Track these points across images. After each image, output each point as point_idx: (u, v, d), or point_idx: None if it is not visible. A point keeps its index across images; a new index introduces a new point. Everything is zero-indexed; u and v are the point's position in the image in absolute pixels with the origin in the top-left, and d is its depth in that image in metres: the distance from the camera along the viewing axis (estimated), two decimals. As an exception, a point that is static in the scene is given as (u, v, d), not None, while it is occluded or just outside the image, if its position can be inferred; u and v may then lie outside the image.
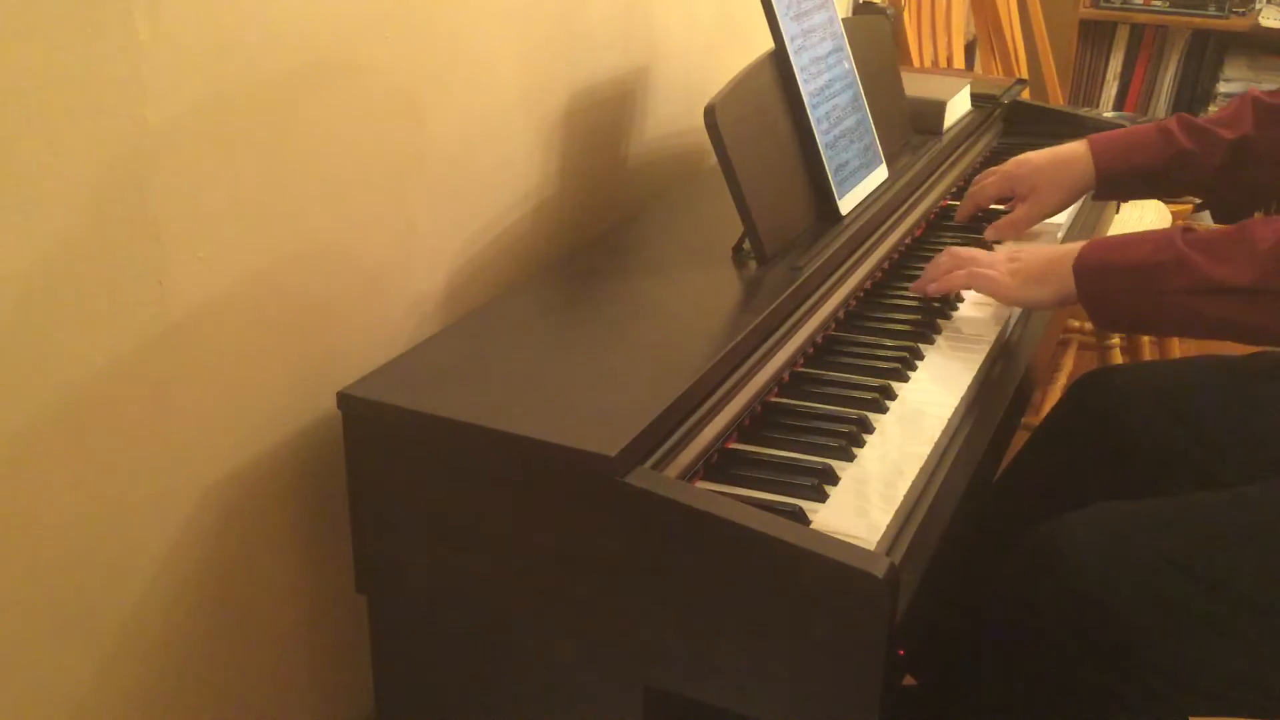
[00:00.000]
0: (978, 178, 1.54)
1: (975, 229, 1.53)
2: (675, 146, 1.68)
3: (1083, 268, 1.16)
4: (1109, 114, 3.33)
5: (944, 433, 1.06)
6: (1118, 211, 1.88)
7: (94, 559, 0.91)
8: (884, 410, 1.09)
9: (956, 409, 1.10)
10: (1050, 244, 1.46)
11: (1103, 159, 1.43)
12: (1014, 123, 1.98)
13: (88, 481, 0.89)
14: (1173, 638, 1.06)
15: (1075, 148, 1.45)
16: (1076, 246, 1.18)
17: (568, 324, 1.12)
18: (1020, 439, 1.51)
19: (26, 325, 0.82)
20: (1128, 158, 1.42)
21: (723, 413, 1.03)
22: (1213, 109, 3.49)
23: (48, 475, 0.86)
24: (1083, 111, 2.23)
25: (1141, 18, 3.54)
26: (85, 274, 0.85)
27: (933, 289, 1.28)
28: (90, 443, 0.89)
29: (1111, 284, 1.15)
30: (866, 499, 0.95)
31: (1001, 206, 1.53)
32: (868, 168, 1.41)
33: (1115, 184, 1.44)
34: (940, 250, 1.46)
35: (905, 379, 1.15)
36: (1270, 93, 1.37)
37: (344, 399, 0.97)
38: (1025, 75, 2.78)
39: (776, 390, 1.12)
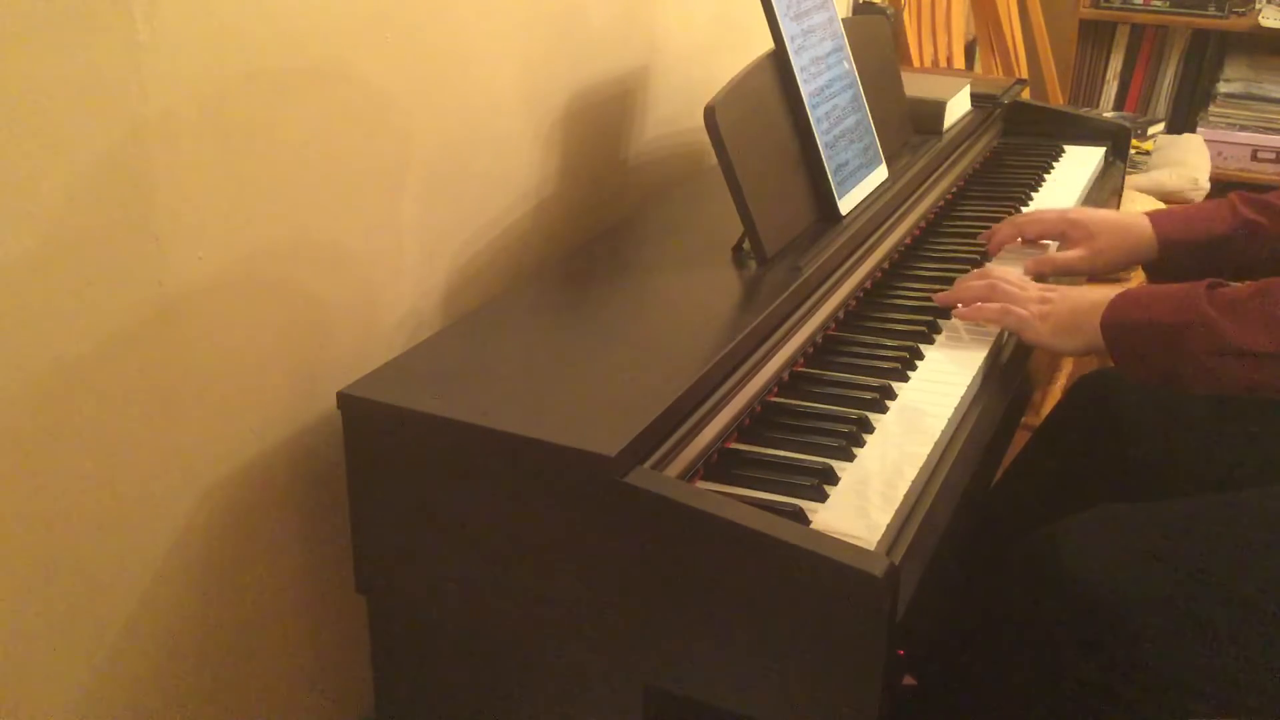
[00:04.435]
0: (1024, 214, 1.48)
1: (973, 231, 1.53)
2: (675, 146, 1.68)
3: (1109, 325, 1.15)
4: (1109, 114, 3.33)
5: (944, 432, 1.06)
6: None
7: (94, 559, 0.91)
8: (884, 410, 1.09)
9: (957, 409, 1.10)
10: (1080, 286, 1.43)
11: (1163, 227, 1.38)
12: (1014, 123, 1.98)
13: (87, 482, 0.89)
14: (1172, 640, 1.06)
15: (1135, 215, 1.42)
16: (1105, 297, 1.17)
17: (568, 324, 1.12)
18: (1020, 439, 1.51)
19: (26, 325, 0.82)
20: (1191, 227, 1.38)
21: (723, 413, 1.03)
22: (1213, 109, 3.49)
23: (47, 475, 0.86)
24: (1083, 111, 2.23)
25: (1141, 18, 3.54)
26: (85, 274, 0.85)
27: (959, 314, 1.27)
28: (90, 442, 0.89)
29: (1138, 342, 1.14)
30: (866, 499, 0.95)
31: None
32: (868, 168, 1.41)
33: (1178, 253, 1.39)
34: (941, 250, 1.47)
35: (905, 379, 1.15)
36: None
37: (344, 399, 0.96)
38: (1025, 75, 2.78)
39: (776, 390, 1.12)
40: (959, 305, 1.28)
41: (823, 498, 0.96)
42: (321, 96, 1.03)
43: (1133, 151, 2.57)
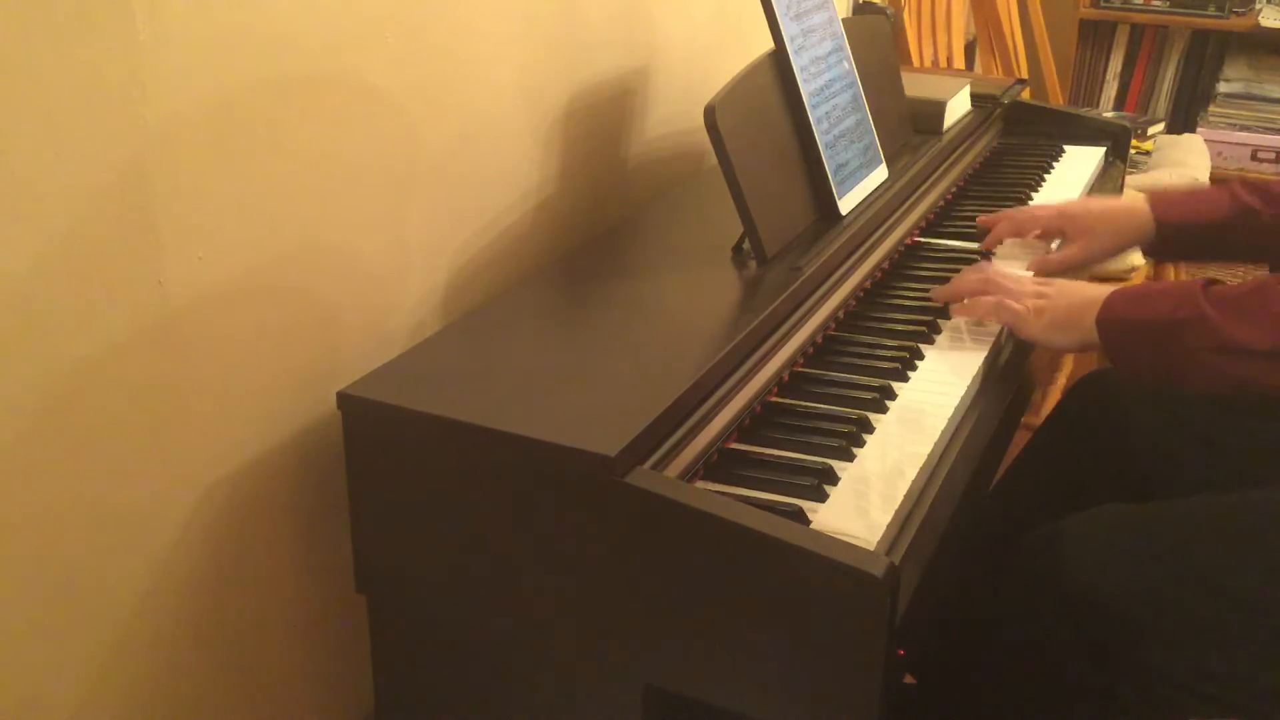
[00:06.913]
0: (1021, 212, 1.46)
1: (973, 232, 1.52)
2: (675, 146, 1.68)
3: (1105, 321, 1.15)
4: (1109, 114, 3.32)
5: (944, 432, 1.06)
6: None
7: (94, 559, 0.91)
8: (884, 410, 1.09)
9: (957, 408, 1.10)
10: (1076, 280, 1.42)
11: (1162, 210, 1.38)
12: (1014, 123, 1.98)
13: (88, 482, 0.89)
14: (1172, 639, 1.06)
15: (1132, 199, 1.41)
16: (1101, 294, 1.16)
17: (568, 324, 1.12)
18: (1020, 439, 1.51)
19: (26, 325, 0.82)
20: (1189, 211, 1.38)
21: (723, 413, 1.03)
22: (1213, 109, 3.49)
23: (48, 475, 0.86)
24: (1083, 111, 2.23)
25: (1141, 18, 3.54)
26: (85, 274, 0.85)
27: (955, 310, 1.27)
28: (91, 443, 0.89)
29: (1134, 339, 1.14)
30: (866, 499, 0.95)
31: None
32: (868, 168, 1.41)
33: (1175, 237, 1.39)
34: (940, 251, 1.47)
35: (905, 379, 1.15)
36: None
37: (344, 399, 0.97)
38: (1025, 75, 2.78)
39: (776, 390, 1.12)
40: (958, 303, 1.28)
41: (823, 498, 0.96)
42: (322, 96, 1.03)
43: (1133, 151, 2.57)
